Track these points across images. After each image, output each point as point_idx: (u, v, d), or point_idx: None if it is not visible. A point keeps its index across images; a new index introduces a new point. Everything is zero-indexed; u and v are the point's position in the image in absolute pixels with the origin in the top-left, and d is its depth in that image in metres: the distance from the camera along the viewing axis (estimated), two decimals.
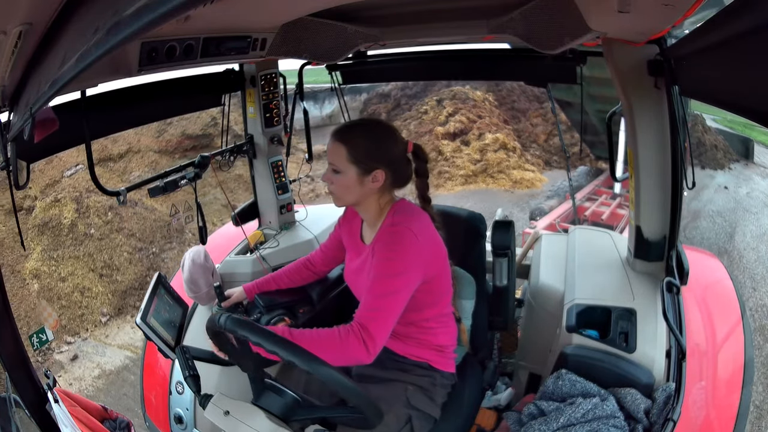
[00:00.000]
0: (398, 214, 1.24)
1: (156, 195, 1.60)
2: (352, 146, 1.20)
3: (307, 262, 1.56)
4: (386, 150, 1.22)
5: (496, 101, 8.90)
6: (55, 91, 0.67)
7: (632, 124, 1.42)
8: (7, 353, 1.10)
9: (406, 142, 1.27)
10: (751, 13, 0.50)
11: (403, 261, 1.15)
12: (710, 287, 1.70)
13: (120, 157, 7.09)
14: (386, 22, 1.57)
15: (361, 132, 1.23)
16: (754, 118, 0.57)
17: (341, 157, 1.21)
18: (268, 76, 1.92)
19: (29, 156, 1.16)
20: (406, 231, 1.18)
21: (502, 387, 1.80)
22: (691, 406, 1.23)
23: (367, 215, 1.30)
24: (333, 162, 1.22)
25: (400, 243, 1.16)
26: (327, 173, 1.25)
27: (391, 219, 1.24)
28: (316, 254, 1.56)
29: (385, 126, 1.29)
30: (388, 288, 1.13)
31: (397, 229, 1.19)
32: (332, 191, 1.26)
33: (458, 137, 8.21)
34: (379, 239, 1.23)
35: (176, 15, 0.39)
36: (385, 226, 1.24)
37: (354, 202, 1.27)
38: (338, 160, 1.21)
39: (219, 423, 0.95)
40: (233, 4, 1.10)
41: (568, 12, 1.12)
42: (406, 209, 1.26)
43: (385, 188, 1.25)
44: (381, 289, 1.13)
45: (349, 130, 1.24)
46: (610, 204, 5.73)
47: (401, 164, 1.26)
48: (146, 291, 1.33)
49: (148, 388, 1.77)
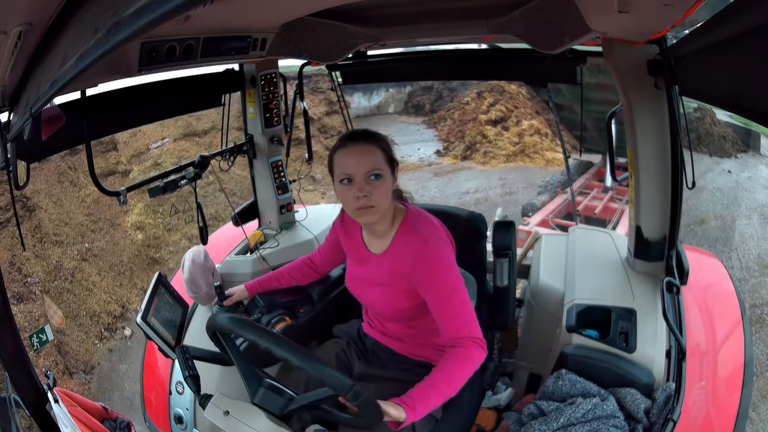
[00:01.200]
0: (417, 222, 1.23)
1: (156, 195, 1.60)
2: (383, 147, 1.16)
3: (309, 261, 1.55)
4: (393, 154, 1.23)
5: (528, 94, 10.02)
6: (55, 91, 0.67)
7: (632, 124, 1.41)
8: (7, 353, 1.10)
9: None
10: (751, 13, 0.50)
11: (452, 271, 1.18)
12: (710, 287, 1.70)
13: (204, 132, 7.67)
14: (386, 22, 1.57)
15: (379, 136, 1.21)
16: (754, 118, 0.57)
17: (380, 160, 1.15)
18: (268, 76, 1.92)
19: (29, 156, 1.16)
20: (439, 242, 1.19)
21: (502, 387, 1.80)
22: (691, 406, 1.23)
23: (383, 224, 1.24)
24: (374, 166, 1.14)
25: (443, 258, 1.18)
26: (360, 184, 1.14)
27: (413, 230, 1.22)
28: (315, 255, 1.55)
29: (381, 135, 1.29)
30: (458, 296, 1.16)
31: (432, 247, 1.18)
32: (371, 204, 1.15)
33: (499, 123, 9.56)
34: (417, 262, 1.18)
35: (176, 15, 0.39)
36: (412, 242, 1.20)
37: (387, 209, 1.20)
38: (378, 163, 1.15)
39: (219, 423, 0.95)
40: (233, 4, 1.10)
41: (568, 12, 1.12)
42: (419, 214, 1.26)
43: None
44: (456, 303, 1.15)
45: (371, 133, 1.21)
46: (602, 198, 5.75)
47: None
48: (146, 291, 1.33)
49: (148, 388, 1.77)
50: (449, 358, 1.11)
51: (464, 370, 1.10)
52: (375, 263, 1.29)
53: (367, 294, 1.33)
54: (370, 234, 1.31)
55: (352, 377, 1.34)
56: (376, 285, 1.28)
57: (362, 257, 1.33)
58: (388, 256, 1.25)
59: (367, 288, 1.32)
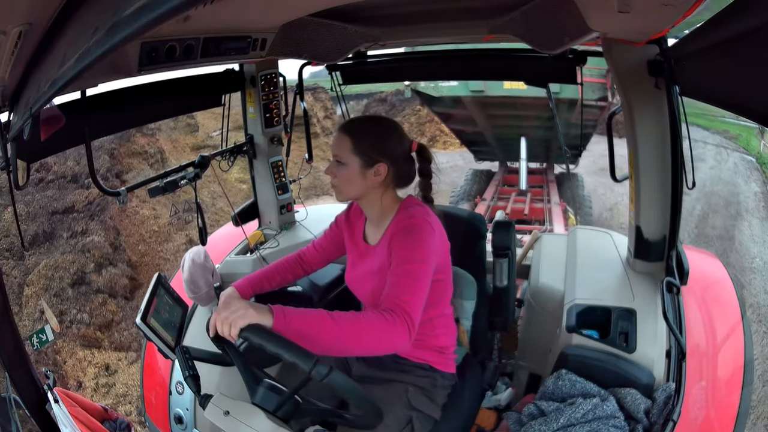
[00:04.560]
0: (412, 209, 1.23)
1: (156, 195, 1.60)
2: (357, 138, 1.20)
3: (299, 259, 1.49)
4: (390, 145, 1.22)
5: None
6: (55, 91, 0.67)
7: (632, 124, 1.41)
8: (7, 353, 1.10)
9: (411, 141, 1.27)
10: (751, 14, 0.50)
11: (424, 249, 1.13)
12: (710, 287, 1.70)
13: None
14: (386, 22, 1.57)
15: (367, 125, 1.24)
16: (754, 118, 0.58)
17: (345, 149, 1.21)
18: (268, 76, 1.92)
19: (29, 156, 1.16)
20: (425, 223, 1.18)
21: (502, 387, 1.80)
22: (691, 406, 1.24)
23: (371, 211, 1.29)
24: (337, 153, 1.23)
25: (420, 234, 1.15)
26: (330, 166, 1.25)
27: (406, 213, 1.22)
28: (308, 251, 1.49)
29: (391, 122, 1.28)
30: (416, 274, 1.10)
31: (416, 221, 1.18)
32: (335, 185, 1.26)
33: None
34: (395, 233, 1.19)
35: (176, 15, 0.39)
36: (400, 220, 1.22)
37: (356, 195, 1.26)
38: (342, 151, 1.21)
39: (219, 423, 0.95)
40: (233, 4, 1.10)
41: (568, 12, 1.12)
42: (418, 204, 1.26)
43: (388, 184, 1.25)
44: (409, 275, 1.09)
45: (355, 123, 1.25)
46: (524, 200, 5.98)
47: (404, 162, 1.25)
48: (146, 292, 1.33)
49: (148, 388, 1.77)
50: (368, 313, 1.02)
51: (370, 330, 0.99)
52: (371, 255, 1.29)
53: (363, 288, 1.32)
54: (369, 224, 1.34)
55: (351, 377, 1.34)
56: (370, 276, 1.27)
57: (360, 251, 1.34)
58: (380, 244, 1.26)
59: (363, 281, 1.31)
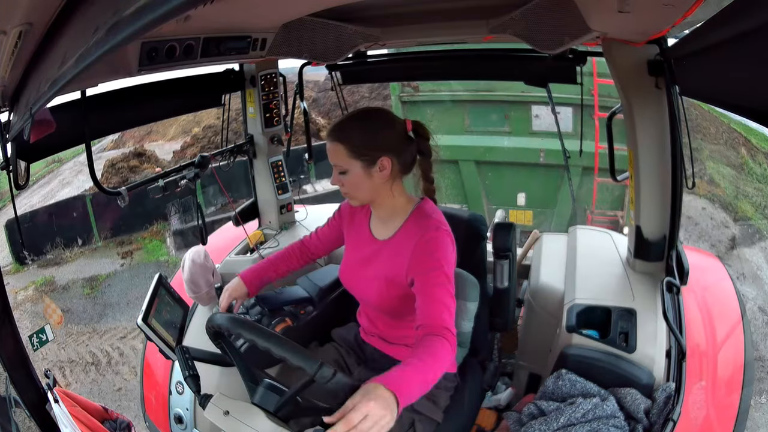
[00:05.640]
0: (435, 216, 1.23)
1: (156, 195, 1.61)
2: (349, 141, 1.17)
3: (303, 247, 1.50)
4: (384, 135, 1.19)
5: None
6: (55, 91, 0.67)
7: (632, 124, 1.41)
8: (7, 353, 1.10)
9: (404, 121, 1.24)
10: (751, 13, 0.50)
11: (450, 264, 1.16)
12: (710, 287, 1.70)
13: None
14: (386, 22, 1.57)
15: (354, 125, 1.20)
16: (754, 118, 0.57)
17: (342, 155, 1.18)
18: (268, 76, 1.92)
19: (29, 156, 1.16)
20: (447, 235, 1.18)
21: (502, 387, 1.80)
22: (691, 406, 1.23)
23: (383, 211, 1.27)
24: (336, 163, 1.20)
25: (446, 247, 1.16)
26: (334, 176, 1.22)
27: (429, 221, 1.20)
28: (311, 240, 1.50)
29: (377, 111, 1.24)
30: (447, 288, 1.12)
31: (440, 234, 1.17)
32: (345, 193, 1.24)
33: None
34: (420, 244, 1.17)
35: (176, 15, 0.39)
36: (424, 228, 1.19)
37: (370, 198, 1.23)
38: (340, 159, 1.18)
39: (219, 423, 0.95)
40: (233, 4, 1.10)
41: (568, 12, 1.12)
42: (435, 210, 1.25)
43: (395, 175, 1.22)
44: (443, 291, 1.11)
45: (342, 126, 1.21)
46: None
47: (403, 145, 1.22)
48: (147, 292, 1.33)
49: (148, 388, 1.77)
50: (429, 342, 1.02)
51: (443, 359, 1.01)
52: (376, 249, 1.28)
53: (360, 283, 1.31)
54: (377, 220, 1.31)
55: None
56: (378, 279, 1.26)
57: (363, 243, 1.32)
58: (392, 243, 1.25)
59: (361, 276, 1.30)
